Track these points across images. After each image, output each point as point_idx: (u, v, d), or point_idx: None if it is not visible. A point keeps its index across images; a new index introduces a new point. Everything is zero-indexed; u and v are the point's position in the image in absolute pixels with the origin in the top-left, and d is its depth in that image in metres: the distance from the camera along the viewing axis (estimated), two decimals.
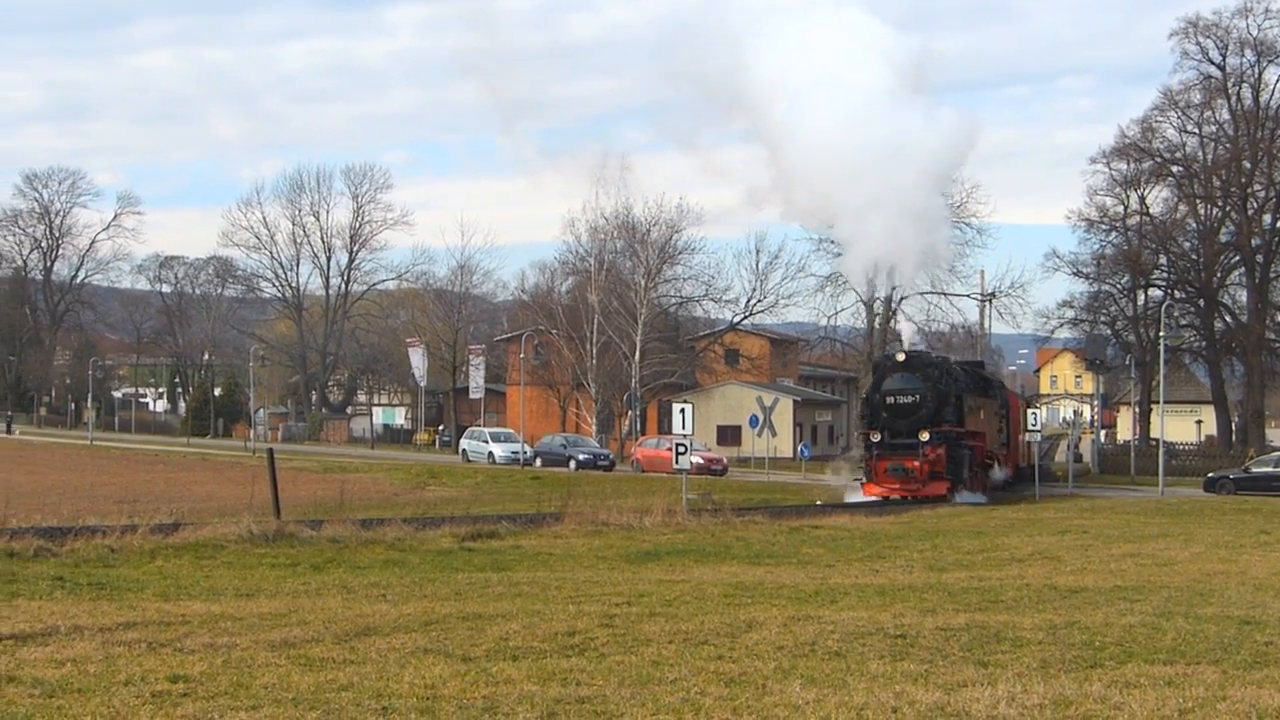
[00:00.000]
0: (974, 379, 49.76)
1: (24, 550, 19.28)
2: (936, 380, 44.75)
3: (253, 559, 20.56)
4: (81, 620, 13.33)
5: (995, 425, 51.15)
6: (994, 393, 52.35)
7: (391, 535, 23.65)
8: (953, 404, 44.92)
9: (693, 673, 10.83)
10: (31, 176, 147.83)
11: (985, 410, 49.38)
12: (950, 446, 44.42)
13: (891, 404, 44.74)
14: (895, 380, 45.03)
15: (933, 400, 44.27)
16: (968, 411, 46.25)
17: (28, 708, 9.31)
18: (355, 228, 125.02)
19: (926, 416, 44.04)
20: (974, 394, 48.11)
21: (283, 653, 11.67)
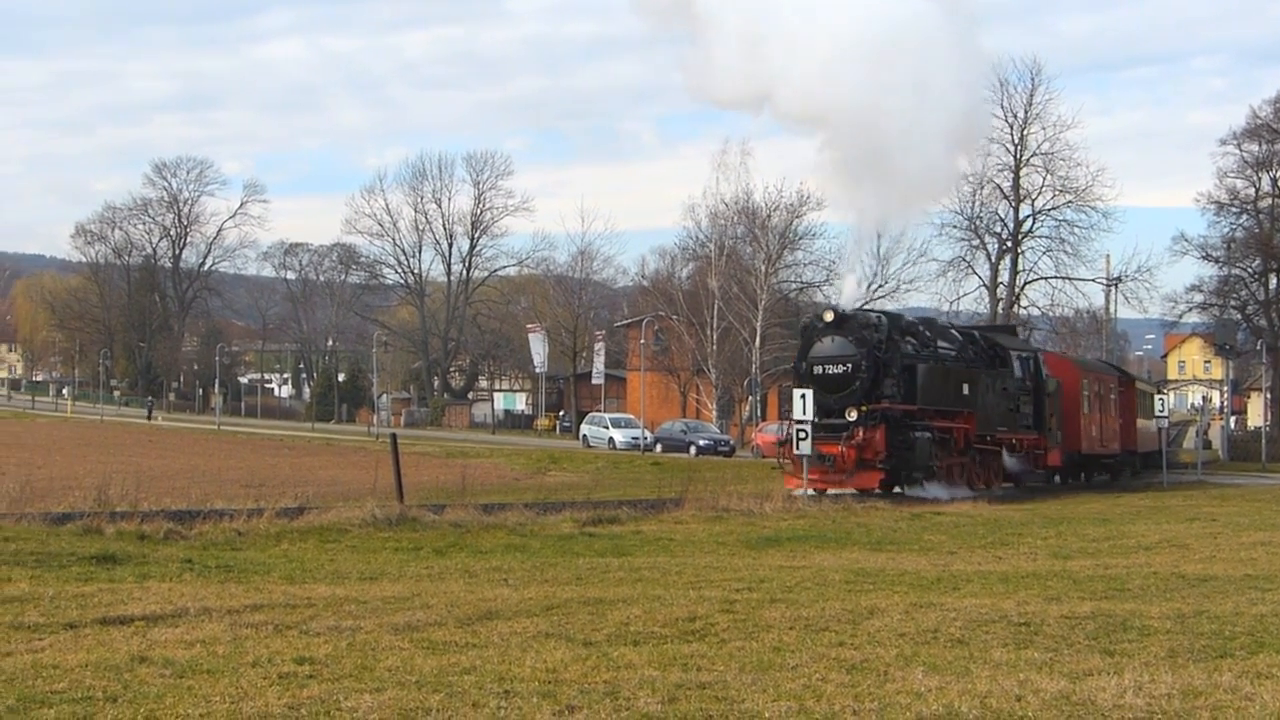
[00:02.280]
0: (971, 346, 40.92)
1: (154, 533, 19.58)
2: (874, 346, 35.55)
3: (376, 543, 20.74)
4: (210, 602, 13.51)
5: (1003, 404, 41.08)
6: (1004, 365, 41.76)
7: (513, 520, 23.75)
8: (899, 375, 35.77)
9: (814, 659, 10.78)
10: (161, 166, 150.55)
11: (982, 385, 39.40)
12: (895, 428, 35.17)
13: (819, 375, 35.54)
14: (823, 346, 35.93)
15: (868, 370, 35.18)
16: (942, 385, 37.30)
17: (159, 687, 9.45)
18: (476, 214, 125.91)
19: (860, 390, 35.03)
20: (960, 364, 39.20)
21: (406, 636, 11.75)
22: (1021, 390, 42.46)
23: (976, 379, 39.24)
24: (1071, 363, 51.41)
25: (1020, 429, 42.26)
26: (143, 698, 9.13)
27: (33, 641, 11.30)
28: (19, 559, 16.48)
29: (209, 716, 8.66)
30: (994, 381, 40.42)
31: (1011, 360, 42.09)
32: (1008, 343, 43.46)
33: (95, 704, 8.94)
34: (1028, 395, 42.89)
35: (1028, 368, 43.22)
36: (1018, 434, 42.05)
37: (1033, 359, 44.09)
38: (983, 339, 42.07)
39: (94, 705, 8.90)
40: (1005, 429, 41.13)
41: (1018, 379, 42.26)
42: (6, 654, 10.65)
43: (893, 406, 35.32)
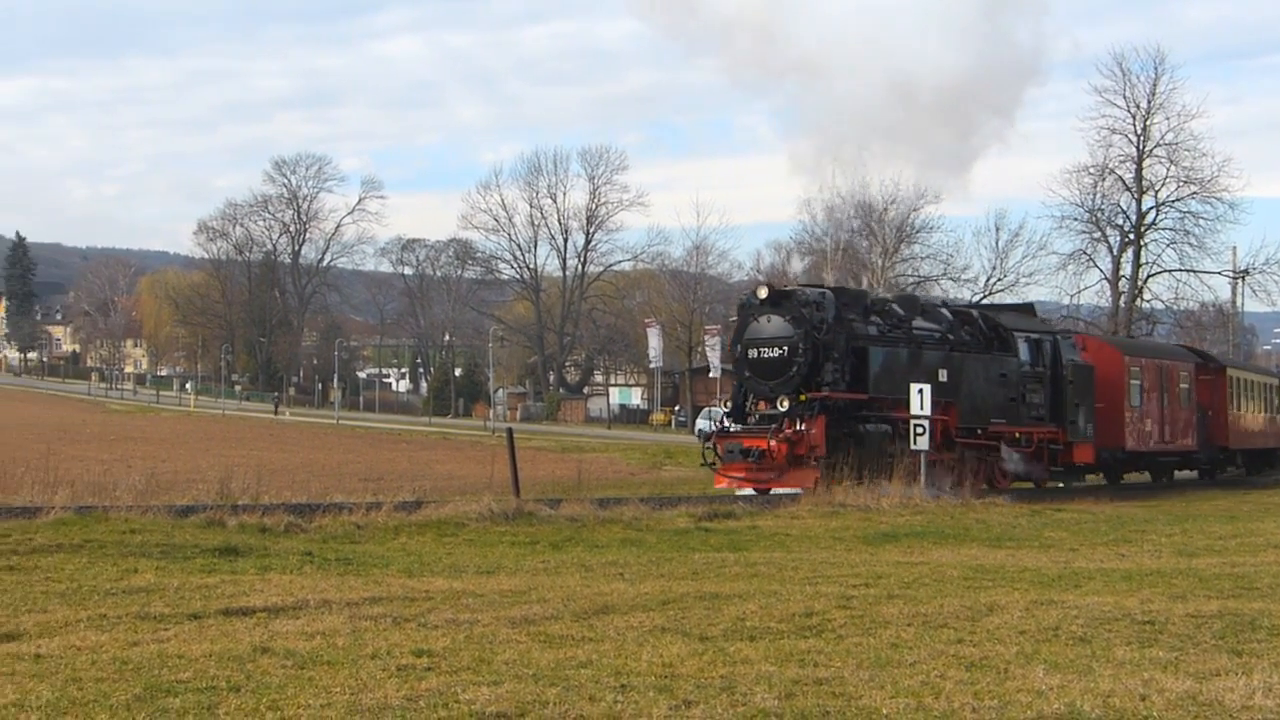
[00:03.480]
0: (967, 327, 35.88)
1: (275, 526, 19.80)
2: (814, 326, 30.99)
3: (493, 537, 20.84)
4: (330, 595, 13.65)
5: (1001, 393, 35.53)
6: (1005, 348, 36.31)
7: (629, 515, 23.77)
8: (845, 359, 31.32)
9: (932, 656, 10.70)
10: (280, 163, 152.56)
11: (968, 371, 34.49)
12: (840, 420, 30.88)
13: (754, 358, 31.63)
14: (759, 326, 31.71)
15: (806, 353, 30.78)
16: (907, 370, 32.40)
17: (280, 678, 9.56)
18: (591, 209, 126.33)
19: (798, 377, 30.74)
20: (943, 346, 34.39)
21: (523, 629, 11.80)
22: (1029, 377, 36.53)
23: (959, 364, 34.15)
24: (1113, 345, 44.03)
25: (1027, 421, 36.37)
26: (265, 688, 9.23)
27: (159, 631, 11.47)
28: (145, 550, 16.74)
29: (329, 707, 8.73)
30: (987, 367, 35.27)
31: (1015, 343, 36.40)
32: (1014, 323, 37.43)
33: (219, 694, 9.05)
34: (1038, 383, 36.82)
35: (1038, 351, 37.15)
36: (1023, 427, 36.19)
37: (1049, 342, 37.98)
38: (982, 319, 36.54)
39: (218, 695, 9.02)
40: (1003, 421, 35.49)
41: (1023, 364, 36.40)
42: (133, 643, 10.83)
43: (835, 395, 30.75)
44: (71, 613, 12.37)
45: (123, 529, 17.97)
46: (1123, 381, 40.92)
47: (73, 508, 19.74)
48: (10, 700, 8.77)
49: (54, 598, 13.41)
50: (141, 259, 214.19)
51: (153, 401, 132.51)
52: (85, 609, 12.62)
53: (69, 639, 11.01)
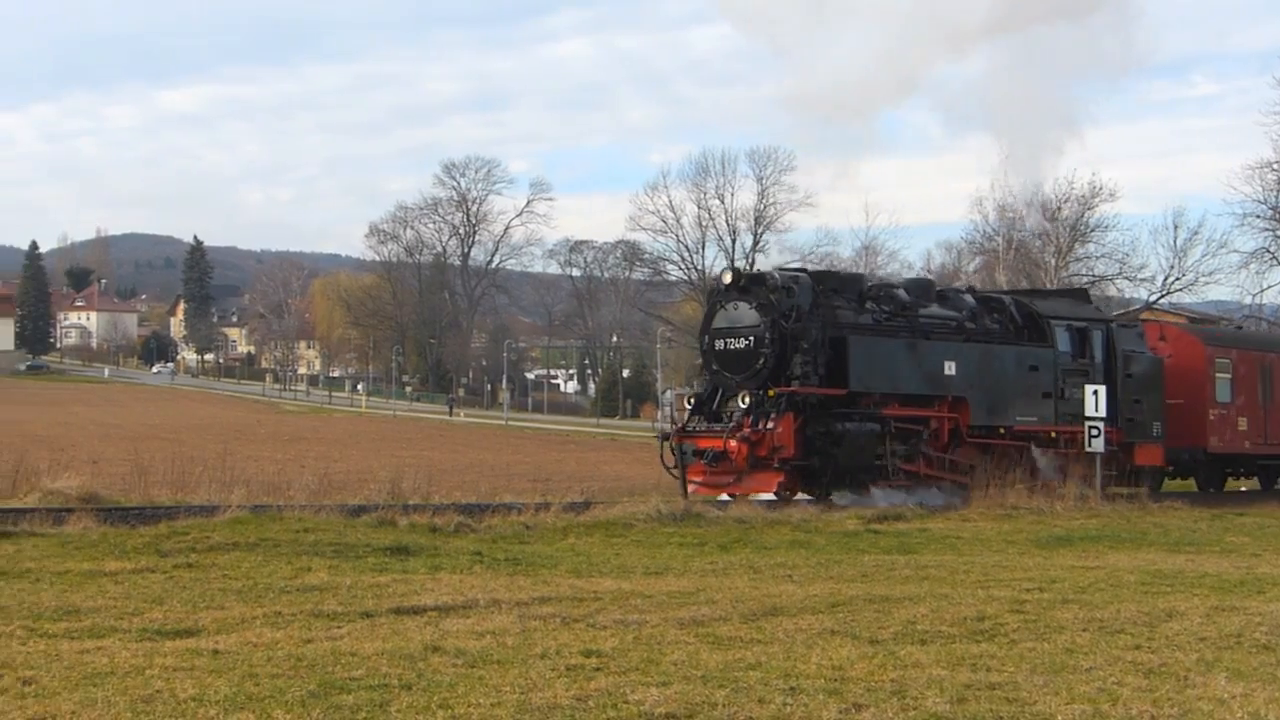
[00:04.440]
0: (992, 315, 32.28)
1: (445, 526, 19.97)
2: (783, 314, 27.77)
3: (661, 538, 20.85)
4: (499, 594, 13.73)
5: (1030, 387, 31.88)
6: (1037, 337, 32.52)
7: (797, 516, 23.66)
8: (820, 350, 27.88)
9: (1109, 662, 10.49)
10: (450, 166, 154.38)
11: (983, 362, 30.97)
12: (814, 418, 27.55)
13: (720, 350, 28.62)
14: (725, 314, 28.72)
15: (774, 344, 27.58)
16: (898, 362, 29.39)
17: (451, 676, 9.63)
18: (759, 210, 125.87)
19: (765, 370, 27.60)
20: (954, 335, 30.94)
21: (691, 630, 11.78)
22: (1071, 370, 32.45)
23: (975, 355, 30.68)
24: (1194, 335, 38.58)
25: (1067, 419, 32.20)
26: (436, 686, 9.31)
27: (331, 629, 11.63)
28: (318, 549, 16.98)
29: (499, 706, 8.78)
30: (1013, 359, 31.60)
31: (1052, 332, 32.30)
32: (1052, 310, 33.32)
33: (391, 691, 9.14)
34: (1082, 376, 32.31)
35: (1082, 342, 32.98)
36: (1060, 426, 32.22)
37: (1101, 331, 33.58)
38: (1015, 306, 32.69)
39: (390, 692, 9.11)
40: (1034, 419, 31.77)
41: (1061, 355, 32.41)
42: (307, 641, 10.98)
43: (806, 390, 27.42)
44: (247, 610, 12.58)
45: (296, 528, 18.25)
46: (1206, 375, 36.51)
47: (248, 507, 20.11)
48: (189, 695, 8.93)
49: (230, 595, 13.66)
50: (314, 261, 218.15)
51: (325, 402, 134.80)
52: (261, 606, 12.83)
53: (245, 635, 11.19)
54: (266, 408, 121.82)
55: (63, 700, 8.80)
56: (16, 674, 9.55)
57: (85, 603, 12.88)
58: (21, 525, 18.15)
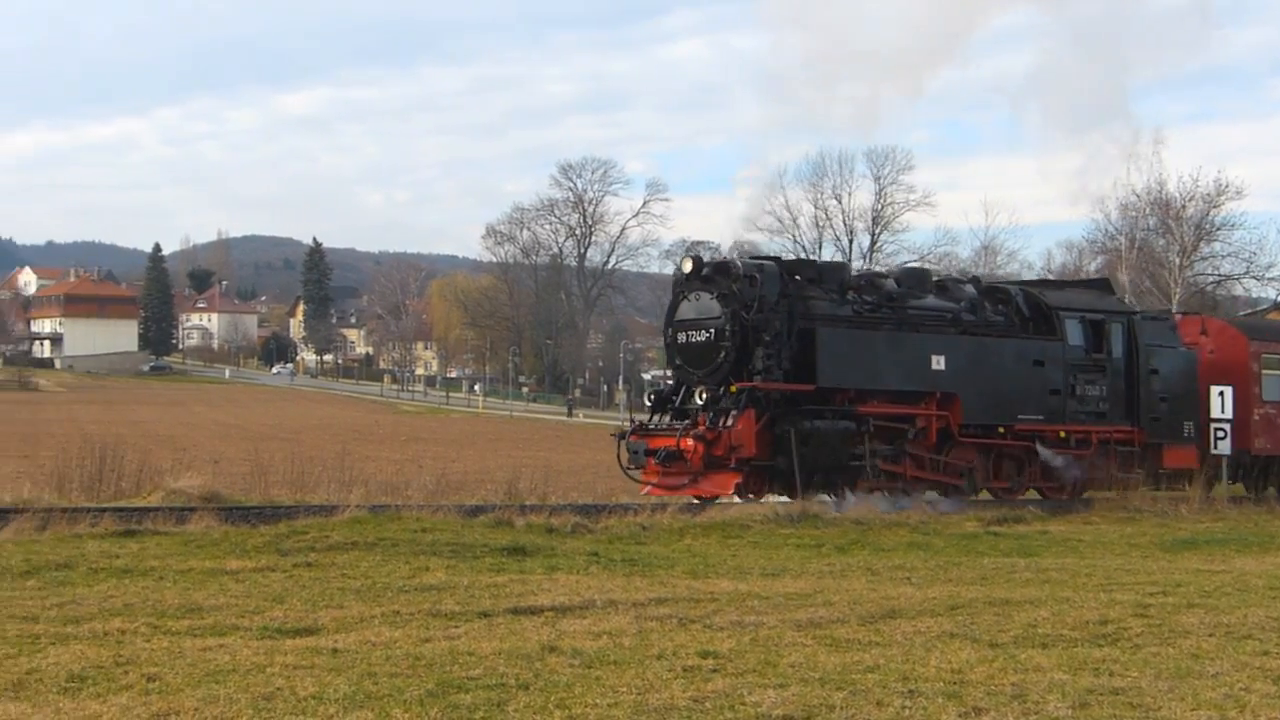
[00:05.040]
0: (995, 306, 30.00)
1: (562, 526, 20.03)
2: (746, 304, 25.78)
3: (778, 539, 20.78)
4: (616, 595, 13.74)
5: (1035, 383, 29.39)
6: (1045, 330, 30.11)
7: (915, 519, 23.49)
8: (786, 342, 25.96)
9: (1236, 668, 10.30)
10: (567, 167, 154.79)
11: (978, 357, 28.61)
12: (780, 415, 25.57)
13: (683, 343, 26.73)
14: (688, 305, 26.76)
15: (734, 337, 25.73)
16: (876, 355, 27.23)
17: (568, 676, 9.65)
18: (877, 210, 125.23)
19: (726, 364, 25.79)
20: (947, 326, 28.70)
21: (808, 632, 11.73)
22: (1082, 366, 30.27)
23: (969, 349, 28.46)
24: (1238, 329, 35.65)
25: (1078, 417, 30.07)
26: (553, 686, 9.32)
27: (449, 629, 11.69)
28: (436, 549, 17.08)
29: (616, 707, 8.78)
30: (1014, 353, 29.29)
31: (1061, 324, 29.99)
32: (1063, 301, 30.94)
33: (508, 690, 9.17)
34: (1097, 372, 30.43)
35: (1097, 335, 30.60)
36: (1070, 424, 29.92)
37: (1121, 323, 31.14)
38: (1024, 297, 30.43)
39: (507, 692, 9.13)
40: (1040, 417, 29.47)
41: (1072, 349, 30.07)
42: (425, 640, 11.05)
43: (768, 386, 25.53)
44: (366, 609, 12.68)
45: (414, 528, 18.38)
46: (1250, 371, 33.63)
47: (367, 507, 20.28)
48: (309, 693, 9.01)
49: (349, 594, 13.77)
50: (431, 263, 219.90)
51: (442, 403, 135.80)
52: (379, 605, 12.93)
53: (364, 634, 11.28)
54: (384, 408, 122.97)
55: (186, 697, 8.91)
56: (141, 670, 9.69)
57: (207, 601, 13.05)
58: (145, 524, 18.44)
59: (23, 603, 12.77)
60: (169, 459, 23.98)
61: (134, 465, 25.60)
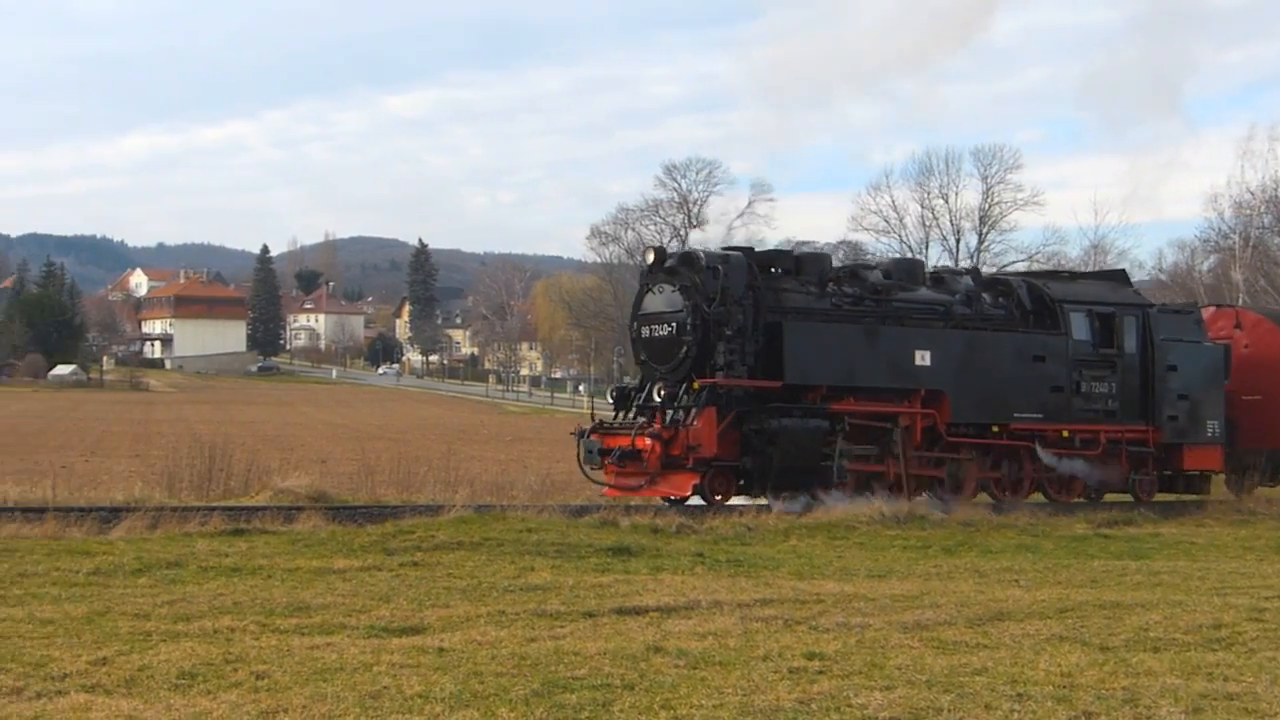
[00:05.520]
0: (997, 298, 28.28)
1: (667, 527, 20.03)
2: (707, 296, 24.45)
3: (884, 540, 20.66)
4: (721, 595, 13.71)
5: (1035, 380, 27.51)
6: (1047, 324, 28.14)
7: (1023, 520, 23.27)
8: (749, 337, 24.64)
9: None
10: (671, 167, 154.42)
11: (967, 351, 26.85)
12: (751, 414, 24.31)
13: (647, 338, 25.54)
14: (652, 299, 25.58)
15: (696, 331, 24.42)
16: (852, 350, 25.58)
17: (673, 677, 9.62)
18: (984, 209, 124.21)
19: (689, 360, 24.50)
20: (938, 319, 26.95)
21: (915, 634, 11.64)
22: (1090, 360, 28.28)
23: (960, 343, 26.75)
24: (1274, 322, 33.01)
25: (1083, 416, 28.12)
26: (658, 687, 9.31)
27: (554, 629, 11.71)
28: (541, 549, 17.13)
29: (721, 708, 8.75)
30: (1010, 347, 27.45)
31: (1065, 317, 28.08)
32: (1069, 293, 29.02)
33: (613, 691, 9.17)
34: (1106, 368, 28.46)
35: (1106, 329, 28.55)
36: (1074, 424, 27.96)
37: (1135, 317, 29.04)
38: (1028, 288, 28.66)
39: (612, 692, 9.13)
40: (1039, 416, 27.59)
41: (1077, 344, 28.12)
42: (531, 640, 11.07)
43: (731, 382, 24.25)
44: (472, 608, 12.73)
45: (519, 528, 18.44)
46: None
47: (472, 507, 20.38)
48: (415, 692, 9.05)
49: (455, 593, 13.83)
50: (536, 263, 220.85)
51: (547, 403, 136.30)
52: (485, 605, 12.97)
53: (470, 634, 11.32)
54: (490, 408, 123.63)
55: (294, 695, 8.97)
56: (250, 668, 9.78)
57: (315, 599, 13.15)
58: (254, 523, 18.64)
59: (135, 600, 12.94)
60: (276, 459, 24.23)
61: (242, 465, 25.91)
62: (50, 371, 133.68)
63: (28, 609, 12.32)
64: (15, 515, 18.48)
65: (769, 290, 25.19)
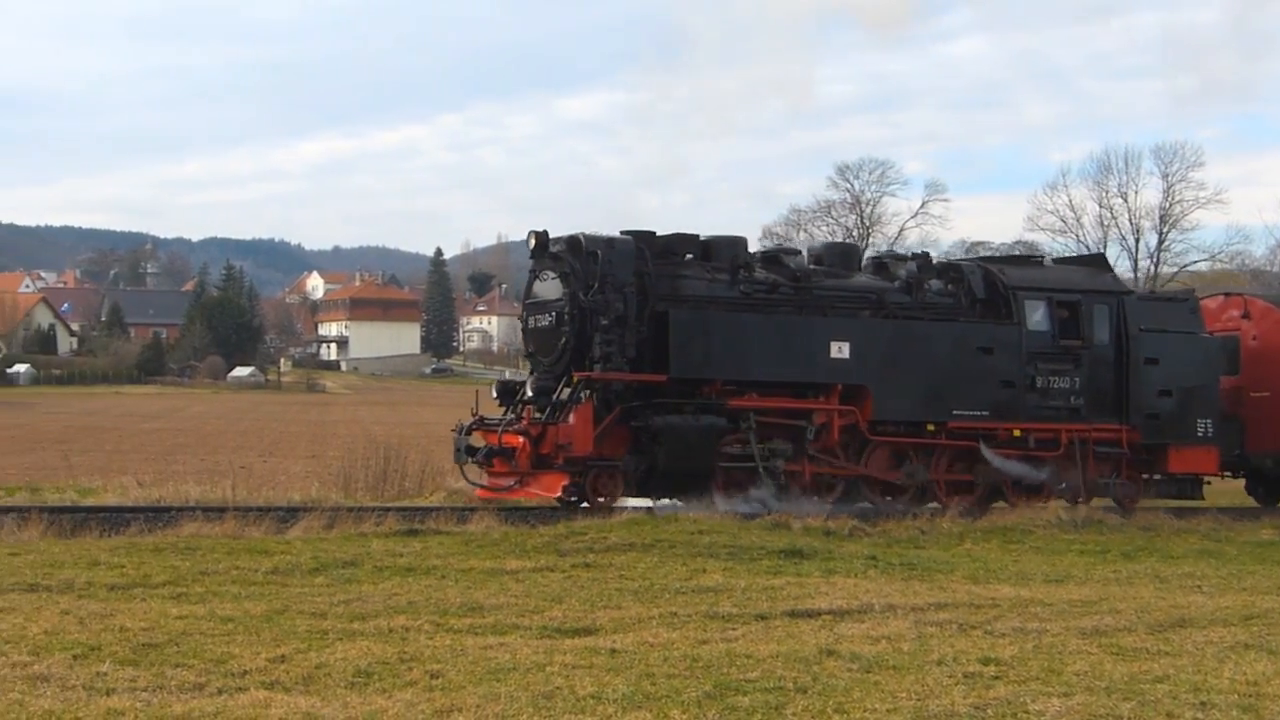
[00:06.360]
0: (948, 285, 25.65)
1: (839, 529, 19.92)
2: (584, 282, 22.64)
3: (1060, 545, 20.33)
4: (894, 599, 13.58)
5: (982, 374, 24.78)
6: (1000, 313, 25.41)
7: (1205, 525, 22.77)
8: (631, 327, 22.52)
9: None
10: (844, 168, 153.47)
11: (913, 343, 24.46)
12: (639, 410, 22.36)
13: (532, 329, 23.84)
14: (537, 287, 23.84)
15: (574, 320, 22.66)
16: (748, 342, 23.30)
17: (846, 681, 9.55)
18: (1165, 208, 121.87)
19: (568, 352, 22.73)
20: (861, 311, 24.54)
21: (1094, 640, 11.45)
22: (1049, 353, 25.52)
23: (877, 334, 24.34)
24: None
25: (1039, 414, 25.31)
26: (831, 690, 9.24)
27: (726, 631, 11.68)
28: (713, 551, 17.12)
29: (895, 713, 8.67)
30: (949, 338, 24.88)
31: (1021, 306, 25.37)
32: (1029, 280, 26.14)
33: (786, 694, 9.12)
34: (1070, 362, 25.70)
35: (1070, 319, 25.83)
36: (1027, 422, 25.17)
37: (1108, 305, 26.21)
38: (982, 275, 25.83)
39: (784, 695, 9.08)
40: (984, 413, 24.90)
41: (1033, 335, 25.40)
42: (703, 641, 11.05)
43: (608, 376, 22.24)
44: (643, 610, 12.74)
45: (691, 530, 18.44)
46: None
47: (644, 509, 20.40)
48: (588, 692, 9.07)
49: (627, 595, 13.86)
50: None
51: None
52: (656, 606, 12.98)
53: (642, 635, 11.33)
54: None
55: (468, 694, 9.04)
56: (425, 667, 9.87)
57: (488, 600, 13.25)
58: (428, 523, 18.86)
59: (312, 599, 13.14)
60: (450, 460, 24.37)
61: (416, 466, 26.20)
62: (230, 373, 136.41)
63: (209, 606, 12.57)
64: (197, 514, 18.90)
65: (664, 278, 23.21)
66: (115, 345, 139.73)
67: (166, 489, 23.80)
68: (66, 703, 8.68)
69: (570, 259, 22.83)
